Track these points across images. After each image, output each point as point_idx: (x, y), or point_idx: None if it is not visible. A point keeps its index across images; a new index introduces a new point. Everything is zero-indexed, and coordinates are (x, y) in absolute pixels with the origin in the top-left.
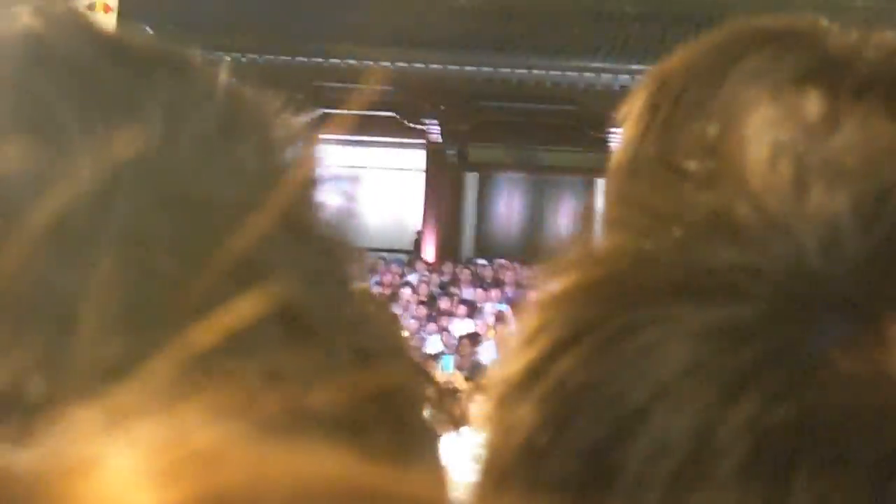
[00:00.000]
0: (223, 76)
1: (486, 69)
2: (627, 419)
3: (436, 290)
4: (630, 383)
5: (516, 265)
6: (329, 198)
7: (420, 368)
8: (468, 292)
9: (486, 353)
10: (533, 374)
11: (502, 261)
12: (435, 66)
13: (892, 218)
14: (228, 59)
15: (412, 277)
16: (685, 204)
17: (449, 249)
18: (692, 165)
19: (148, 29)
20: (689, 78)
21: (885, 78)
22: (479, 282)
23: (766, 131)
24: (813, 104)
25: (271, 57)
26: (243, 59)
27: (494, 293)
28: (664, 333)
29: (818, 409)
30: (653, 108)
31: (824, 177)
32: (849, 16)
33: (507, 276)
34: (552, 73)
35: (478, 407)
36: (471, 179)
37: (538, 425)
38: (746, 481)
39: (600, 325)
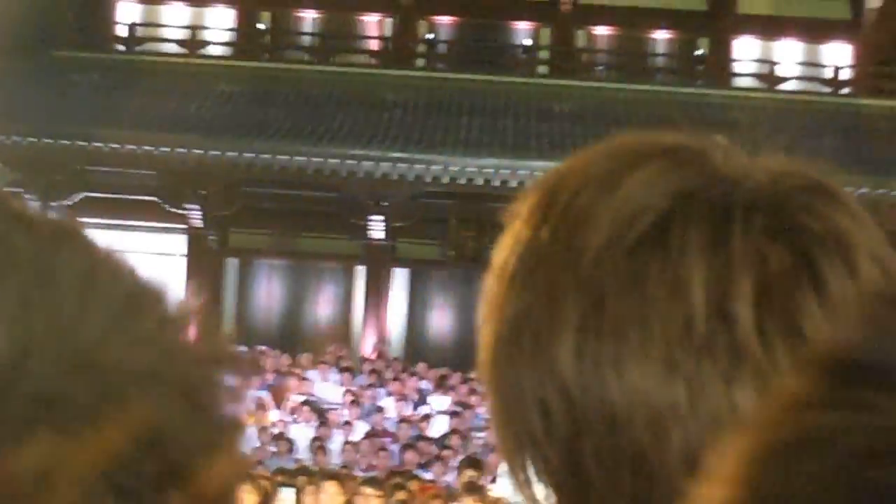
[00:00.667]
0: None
1: (247, 155)
2: None
3: None
4: None
5: (276, 352)
6: (224, 376)
7: None
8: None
9: (247, 440)
10: None
11: (262, 347)
12: (197, 151)
13: None
14: None
15: None
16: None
17: None
18: None
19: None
20: (585, 181)
21: (769, 200)
22: None
23: None
24: None
25: (34, 140)
26: (7, 142)
27: (254, 380)
28: None
29: None
30: (546, 206)
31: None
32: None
33: (267, 364)
34: (314, 159)
35: None
36: (231, 265)
37: None
38: None
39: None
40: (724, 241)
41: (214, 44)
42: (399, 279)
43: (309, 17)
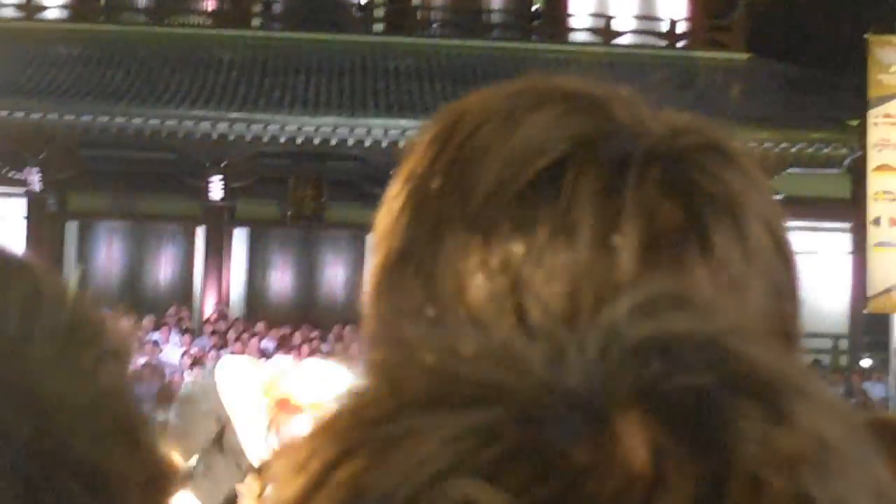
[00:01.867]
0: (69, 284)
1: (85, 118)
2: None
3: None
4: (397, 484)
5: (117, 314)
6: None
7: None
8: None
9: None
10: (304, 499)
11: (104, 310)
12: (35, 114)
13: (606, 334)
14: None
15: None
16: (430, 334)
17: None
18: (430, 309)
19: None
20: (485, 118)
21: (666, 155)
22: None
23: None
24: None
25: None
26: None
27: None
28: (424, 438)
29: (559, 498)
30: (443, 140)
31: (541, 302)
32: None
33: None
34: (151, 121)
35: None
36: (71, 228)
37: None
38: None
39: (365, 443)
40: (617, 191)
41: (51, 7)
42: (239, 239)
43: None
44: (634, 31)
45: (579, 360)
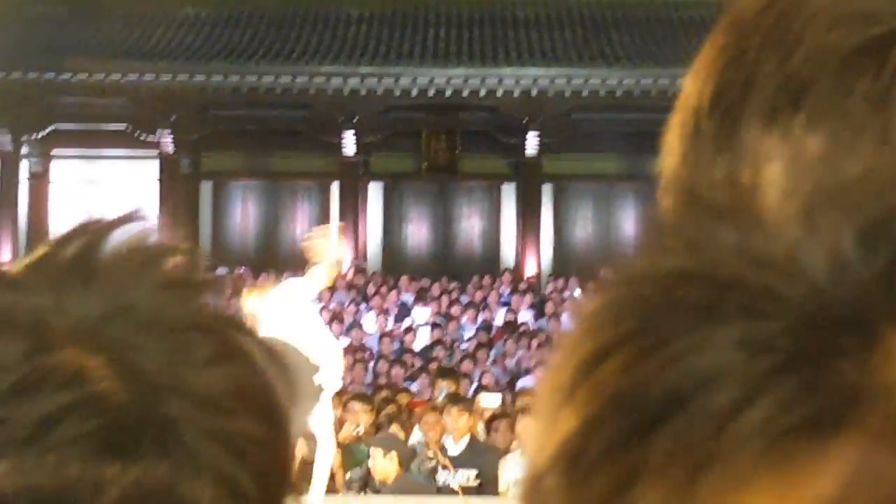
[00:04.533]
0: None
1: (216, 78)
2: (653, 418)
3: None
4: (660, 387)
5: (254, 273)
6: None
7: None
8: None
9: None
10: (573, 383)
11: (241, 269)
12: (165, 76)
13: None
14: None
15: None
16: (713, 233)
17: None
18: (717, 198)
19: None
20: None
21: None
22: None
23: (778, 164)
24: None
25: (2, 73)
26: None
27: (234, 302)
28: (693, 345)
29: (826, 416)
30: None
31: (832, 206)
32: None
33: (247, 285)
34: (282, 78)
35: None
36: (205, 188)
37: (575, 429)
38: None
39: (637, 337)
40: None
41: None
42: (374, 193)
43: None
44: None
45: (863, 273)
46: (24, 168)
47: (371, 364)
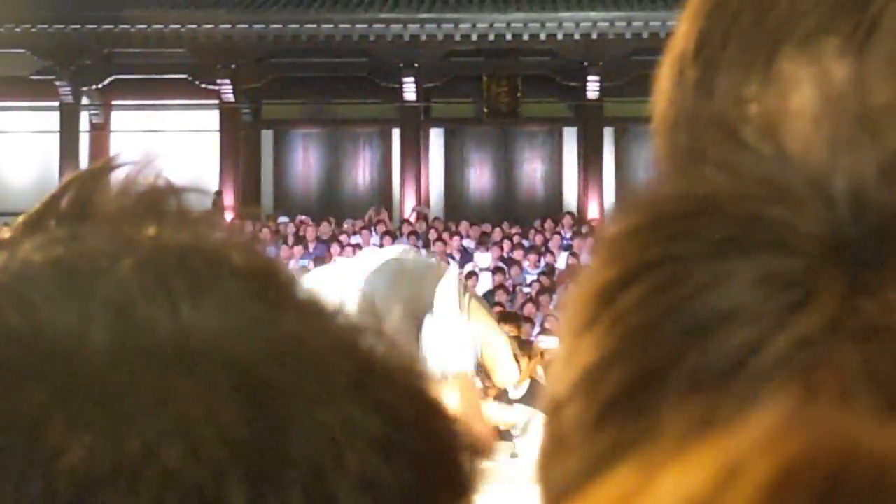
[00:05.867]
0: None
1: (275, 26)
2: (672, 354)
3: None
4: (682, 318)
5: (317, 220)
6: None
7: None
8: (270, 251)
9: None
10: (594, 312)
11: (303, 217)
12: (224, 25)
13: None
14: (19, 30)
15: None
16: (735, 161)
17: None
18: (740, 124)
19: None
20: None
21: None
22: (281, 239)
23: (804, 91)
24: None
25: (61, 26)
26: (33, 30)
27: (297, 250)
28: (714, 279)
29: (842, 352)
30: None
31: (856, 137)
32: None
33: (309, 233)
34: (342, 25)
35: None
36: (266, 137)
37: (594, 363)
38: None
39: (658, 267)
40: None
41: None
42: (435, 139)
43: None
44: None
45: (885, 208)
46: (85, 119)
47: None
